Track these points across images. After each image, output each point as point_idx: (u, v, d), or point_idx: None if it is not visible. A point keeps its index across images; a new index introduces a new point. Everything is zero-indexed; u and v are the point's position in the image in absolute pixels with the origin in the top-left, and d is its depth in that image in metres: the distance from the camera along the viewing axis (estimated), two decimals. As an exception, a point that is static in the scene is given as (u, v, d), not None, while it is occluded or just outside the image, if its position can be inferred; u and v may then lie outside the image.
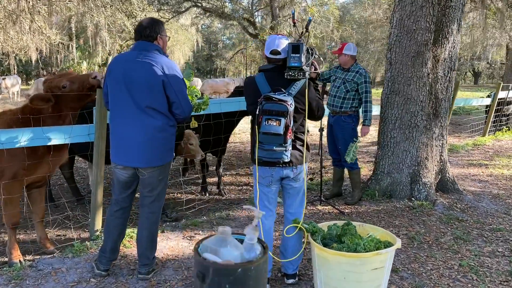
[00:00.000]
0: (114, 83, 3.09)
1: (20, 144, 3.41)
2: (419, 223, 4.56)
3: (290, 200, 3.31)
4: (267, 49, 3.12)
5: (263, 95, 2.98)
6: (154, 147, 3.13)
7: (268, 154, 3.02)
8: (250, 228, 2.34)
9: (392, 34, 5.05)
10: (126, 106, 3.06)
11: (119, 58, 3.17)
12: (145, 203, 3.30)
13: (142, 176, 3.19)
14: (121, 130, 3.11)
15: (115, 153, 3.18)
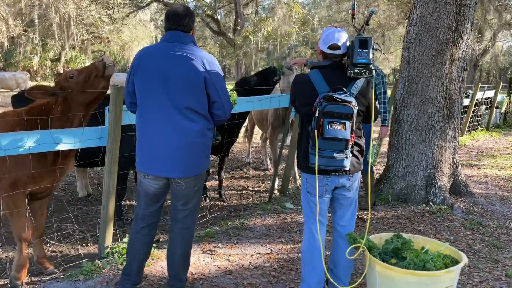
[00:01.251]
0: (144, 80, 2.64)
1: (24, 149, 2.88)
2: (444, 229, 4.37)
3: (341, 211, 2.98)
4: (324, 43, 2.77)
5: (324, 95, 2.64)
6: (193, 154, 2.72)
7: (327, 162, 2.68)
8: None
9: (411, 31, 4.84)
10: (161, 107, 2.62)
11: (149, 51, 2.71)
12: (178, 218, 2.87)
13: (178, 187, 2.76)
14: (153, 135, 2.66)
15: (144, 161, 2.74)
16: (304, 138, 2.84)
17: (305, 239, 2.95)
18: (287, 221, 4.55)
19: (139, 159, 2.75)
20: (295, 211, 4.84)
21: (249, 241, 4.02)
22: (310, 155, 2.72)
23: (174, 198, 2.84)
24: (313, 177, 2.80)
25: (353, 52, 2.63)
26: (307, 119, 2.79)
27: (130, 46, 35.55)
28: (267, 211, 4.79)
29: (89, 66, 3.27)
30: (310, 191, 2.86)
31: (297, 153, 3.00)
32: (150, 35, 36.79)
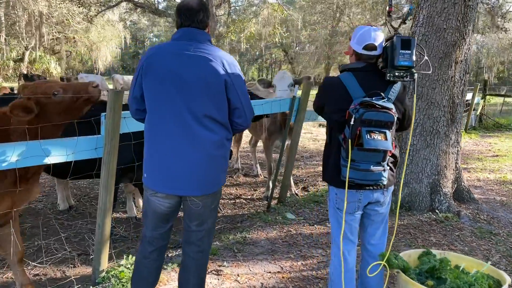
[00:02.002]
0: (157, 83, 2.28)
1: (9, 163, 2.46)
2: (456, 239, 4.19)
3: (372, 229, 2.70)
4: (359, 43, 2.49)
5: (360, 101, 2.36)
6: (211, 169, 2.39)
7: (364, 176, 2.40)
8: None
9: (417, 33, 4.64)
10: (176, 115, 2.27)
11: (160, 51, 2.34)
12: (192, 240, 2.52)
13: (194, 206, 2.41)
14: (166, 147, 2.30)
15: (155, 177, 2.37)
16: (334, 148, 2.54)
17: (334, 261, 2.66)
18: (291, 233, 4.25)
19: (148, 174, 2.38)
20: (298, 222, 4.56)
21: (256, 257, 3.70)
22: (342, 168, 2.44)
23: (187, 218, 2.49)
24: (344, 192, 2.52)
25: (394, 53, 2.36)
26: (338, 127, 2.50)
27: (98, 47, 34.46)
28: (268, 222, 4.48)
29: (78, 86, 2.79)
30: (341, 207, 2.57)
31: (323, 164, 2.70)
32: (118, 35, 35.83)
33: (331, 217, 2.68)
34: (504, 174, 7.18)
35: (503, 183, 6.60)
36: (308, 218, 4.68)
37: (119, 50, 38.43)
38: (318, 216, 4.75)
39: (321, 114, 2.73)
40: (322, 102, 2.62)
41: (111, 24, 33.98)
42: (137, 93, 2.37)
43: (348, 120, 2.38)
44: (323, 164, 2.69)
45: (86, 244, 4.01)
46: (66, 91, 2.72)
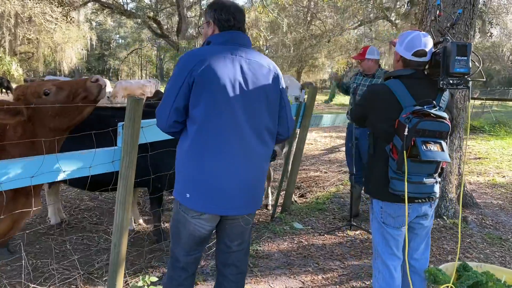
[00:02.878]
0: (215, 93, 2.00)
1: (24, 179, 2.19)
2: (469, 247, 4.14)
3: (415, 243, 2.58)
4: (408, 49, 2.36)
5: (413, 110, 2.22)
6: (262, 183, 2.27)
7: (416, 188, 2.28)
8: None
9: (424, 37, 4.58)
10: (235, 128, 2.05)
11: (214, 56, 2.03)
12: (231, 261, 2.32)
13: (245, 224, 2.25)
14: (221, 164, 2.06)
15: (205, 198, 2.09)
16: (380, 160, 2.40)
17: (378, 278, 2.51)
18: (303, 244, 4.09)
19: (194, 194, 2.10)
20: (307, 232, 4.40)
21: (273, 272, 3.52)
22: (392, 180, 2.30)
23: (227, 238, 2.28)
24: (392, 206, 2.39)
25: (448, 60, 2.24)
26: (385, 137, 2.35)
27: (62, 48, 33.30)
28: (277, 233, 4.30)
29: (74, 83, 2.54)
30: (387, 222, 2.43)
31: (367, 176, 2.55)
32: (84, 36, 34.83)
33: (375, 231, 2.54)
34: (492, 177, 7.28)
35: (494, 186, 6.68)
36: (316, 228, 4.53)
37: (84, 52, 37.31)
38: (325, 225, 4.61)
39: (362, 124, 2.58)
40: (366, 112, 2.46)
41: (77, 25, 32.96)
42: (180, 103, 2.04)
43: (398, 130, 2.25)
44: (366, 176, 2.55)
45: (87, 262, 3.71)
46: (60, 89, 2.46)
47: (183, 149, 2.11)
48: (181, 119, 2.09)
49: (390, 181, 2.32)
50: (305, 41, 25.78)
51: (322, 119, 5.19)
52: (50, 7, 20.58)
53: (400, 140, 2.22)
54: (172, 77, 2.08)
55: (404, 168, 2.21)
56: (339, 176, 6.94)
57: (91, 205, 5.17)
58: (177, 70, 2.06)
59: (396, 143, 2.27)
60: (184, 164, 2.12)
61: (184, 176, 2.13)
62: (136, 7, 28.04)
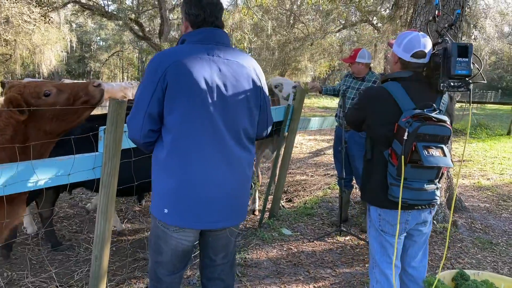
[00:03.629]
0: (191, 98, 1.82)
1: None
2: (460, 251, 4.08)
3: (413, 250, 2.49)
4: (407, 50, 2.26)
5: (413, 114, 2.12)
6: (247, 192, 2.09)
7: (417, 195, 2.18)
8: None
9: (413, 39, 4.51)
10: (214, 135, 1.88)
11: (187, 56, 1.84)
12: (216, 275, 2.19)
13: (232, 236, 2.10)
14: (202, 175, 1.88)
15: (185, 213, 1.91)
16: (378, 165, 2.30)
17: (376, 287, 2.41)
18: (293, 251, 3.97)
19: (173, 209, 1.91)
20: (296, 238, 4.27)
21: (263, 281, 3.38)
22: (392, 187, 2.19)
23: (211, 252, 2.13)
24: (391, 213, 2.28)
25: (449, 61, 2.14)
26: (384, 142, 2.25)
27: (41, 50, 32.64)
28: (266, 240, 4.16)
29: (75, 86, 2.40)
30: (386, 230, 2.33)
31: (363, 182, 2.44)
32: (64, 38, 34.24)
33: (372, 239, 2.43)
34: (477, 179, 7.29)
35: (480, 189, 6.68)
36: (305, 234, 4.41)
37: (64, 54, 36.67)
38: (314, 231, 4.50)
39: (358, 128, 2.47)
40: (363, 115, 2.35)
41: (56, 26, 32.33)
42: (154, 110, 1.84)
43: (397, 134, 2.15)
44: (363, 182, 2.43)
45: (66, 273, 3.51)
46: (60, 91, 2.34)
47: (159, 160, 1.92)
48: (156, 127, 1.90)
49: (389, 187, 2.22)
50: (289, 44, 25.79)
51: (310, 122, 5.09)
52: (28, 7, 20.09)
53: (400, 145, 2.12)
54: (143, 81, 1.86)
55: (405, 174, 2.11)
56: (326, 180, 6.85)
57: (70, 212, 4.95)
58: (149, 73, 1.86)
59: (395, 148, 2.16)
60: (161, 177, 1.93)
61: (161, 190, 1.94)
62: (117, 9, 27.62)
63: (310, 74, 35.93)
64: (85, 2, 26.70)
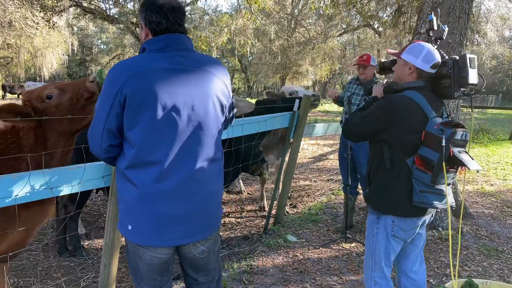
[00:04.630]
0: (153, 111, 1.71)
1: (11, 199, 2.02)
2: (467, 259, 4.08)
3: (414, 255, 2.58)
4: (427, 61, 2.33)
5: (445, 121, 2.21)
6: (214, 206, 1.98)
7: (444, 199, 2.27)
8: None
9: (418, 45, 4.53)
10: (178, 148, 1.78)
11: (147, 67, 1.73)
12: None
13: (198, 253, 1.97)
14: (166, 190, 1.78)
15: (144, 229, 1.83)
16: (401, 174, 2.30)
17: None
18: (299, 258, 3.97)
19: (135, 226, 1.83)
20: (301, 245, 4.27)
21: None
22: (424, 194, 2.22)
23: (190, 270, 2.04)
24: (406, 220, 2.37)
25: (464, 71, 2.24)
26: (409, 150, 2.27)
27: (43, 53, 32.71)
28: (271, 247, 4.16)
29: (74, 84, 2.42)
30: (398, 236, 2.39)
31: (380, 192, 2.40)
32: (65, 41, 34.29)
33: (379, 243, 2.44)
34: (481, 185, 7.29)
35: (484, 195, 6.68)
36: (310, 240, 4.41)
37: (66, 57, 36.70)
38: (320, 238, 4.50)
39: (367, 138, 2.47)
40: (384, 125, 2.32)
41: (58, 29, 32.41)
42: (112, 125, 1.75)
43: (427, 142, 2.20)
44: (378, 192, 2.40)
45: (72, 280, 3.51)
46: (62, 91, 2.37)
47: (121, 173, 1.84)
48: (116, 142, 1.82)
49: (418, 195, 2.24)
50: (291, 48, 25.87)
51: (314, 129, 5.09)
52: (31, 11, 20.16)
53: (433, 152, 2.15)
54: (101, 94, 1.77)
55: (439, 180, 2.16)
56: (329, 185, 6.86)
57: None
58: (106, 86, 1.75)
59: (426, 155, 2.19)
60: (122, 191, 1.85)
61: (124, 205, 1.86)
62: (119, 13, 27.71)
63: (311, 78, 35.98)
64: (87, 6, 26.78)
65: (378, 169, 2.39)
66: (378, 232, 2.45)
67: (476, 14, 19.06)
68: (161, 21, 1.80)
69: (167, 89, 1.72)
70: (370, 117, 2.38)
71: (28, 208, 2.26)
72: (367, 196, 2.49)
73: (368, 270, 2.52)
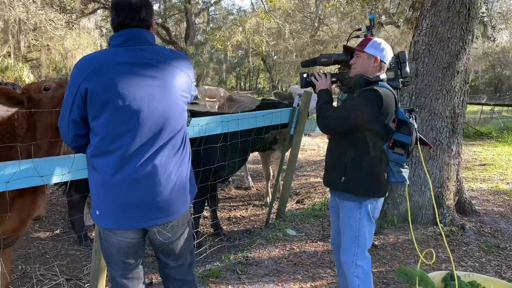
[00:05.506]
0: (114, 101, 1.83)
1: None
2: (465, 255, 4.06)
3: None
4: (388, 55, 2.53)
5: (409, 109, 2.53)
6: (176, 192, 2.04)
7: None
8: None
9: (419, 42, 4.53)
10: (139, 138, 1.89)
11: (105, 62, 1.86)
12: (173, 276, 2.23)
13: (164, 239, 2.07)
14: (126, 177, 1.90)
15: (108, 213, 1.95)
16: (380, 160, 2.47)
17: (358, 272, 2.58)
18: (295, 251, 4.04)
19: (101, 211, 1.96)
20: (299, 238, 4.34)
21: (261, 279, 3.47)
22: (400, 174, 2.46)
23: (161, 254, 2.18)
24: (380, 200, 2.59)
25: (405, 66, 2.56)
26: (386, 137, 2.45)
27: (73, 54, 33.58)
28: (269, 240, 4.25)
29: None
30: (375, 216, 2.58)
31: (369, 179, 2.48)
32: (94, 42, 35.17)
33: (364, 228, 2.56)
34: (496, 184, 7.15)
35: (497, 193, 6.56)
36: (309, 234, 4.48)
37: (94, 58, 37.65)
38: (319, 232, 4.56)
39: (345, 129, 2.52)
40: (374, 115, 2.40)
41: (87, 31, 33.35)
42: (76, 116, 1.89)
43: (399, 127, 2.44)
44: (366, 178, 2.47)
45: (77, 267, 3.70)
46: (60, 86, 2.51)
47: (88, 160, 1.99)
48: (83, 131, 1.95)
49: (394, 175, 2.45)
50: (309, 46, 25.79)
51: (310, 124, 5.14)
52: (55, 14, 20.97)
53: (407, 136, 2.40)
54: (67, 87, 1.90)
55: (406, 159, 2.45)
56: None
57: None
58: (70, 79, 1.88)
59: (401, 139, 2.41)
60: (90, 179, 1.99)
61: (92, 191, 1.99)
62: (144, 14, 28.33)
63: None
64: (114, 8, 27.28)
65: (362, 157, 2.45)
66: (361, 217, 2.53)
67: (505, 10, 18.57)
68: (114, 17, 1.95)
69: (127, 82, 1.83)
70: (358, 109, 2.41)
71: (23, 198, 2.42)
72: (346, 184, 2.50)
73: (349, 256, 2.57)
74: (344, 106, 2.52)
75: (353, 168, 2.47)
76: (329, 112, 2.47)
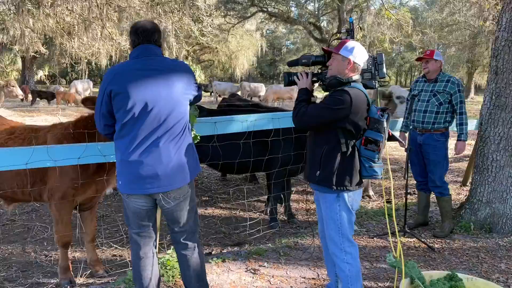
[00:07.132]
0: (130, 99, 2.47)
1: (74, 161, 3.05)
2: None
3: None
4: (363, 57, 2.70)
5: (382, 108, 2.71)
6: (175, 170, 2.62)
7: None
8: None
9: (499, 38, 4.22)
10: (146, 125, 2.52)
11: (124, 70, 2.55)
12: (179, 240, 2.81)
13: (168, 206, 2.66)
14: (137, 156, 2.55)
15: (126, 182, 2.60)
16: (352, 155, 2.68)
17: (347, 259, 2.81)
18: (345, 243, 4.24)
19: (121, 180, 2.63)
20: (358, 233, 4.49)
21: (298, 262, 3.82)
22: (373, 168, 2.65)
23: (168, 221, 2.77)
24: (357, 192, 2.80)
25: (380, 68, 2.68)
26: (358, 134, 2.66)
27: (236, 55, 36.84)
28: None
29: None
30: (354, 207, 2.80)
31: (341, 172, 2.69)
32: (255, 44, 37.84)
33: (343, 219, 2.76)
34: None
35: None
36: (370, 230, 4.59)
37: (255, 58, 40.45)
38: (382, 230, 4.62)
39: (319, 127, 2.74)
40: (344, 114, 2.60)
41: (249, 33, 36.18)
42: (104, 109, 2.56)
43: (372, 125, 2.61)
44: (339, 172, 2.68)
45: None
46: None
47: (114, 142, 2.66)
48: (110, 122, 2.60)
49: (367, 170, 2.65)
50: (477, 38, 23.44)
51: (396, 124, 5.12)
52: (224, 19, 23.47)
53: (378, 133, 2.57)
54: (99, 89, 2.60)
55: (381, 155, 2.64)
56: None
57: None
58: (101, 83, 2.60)
59: (373, 136, 2.58)
60: (116, 157, 2.64)
61: (117, 166, 2.65)
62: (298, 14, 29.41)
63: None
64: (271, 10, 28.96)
65: (334, 153, 2.66)
66: (340, 208, 2.74)
67: None
68: (134, 39, 2.63)
69: (141, 83, 2.48)
70: (331, 108, 2.63)
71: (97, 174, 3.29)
72: (322, 178, 2.73)
73: (336, 246, 2.80)
74: (317, 105, 2.74)
75: (326, 162, 2.68)
76: (303, 110, 2.70)
